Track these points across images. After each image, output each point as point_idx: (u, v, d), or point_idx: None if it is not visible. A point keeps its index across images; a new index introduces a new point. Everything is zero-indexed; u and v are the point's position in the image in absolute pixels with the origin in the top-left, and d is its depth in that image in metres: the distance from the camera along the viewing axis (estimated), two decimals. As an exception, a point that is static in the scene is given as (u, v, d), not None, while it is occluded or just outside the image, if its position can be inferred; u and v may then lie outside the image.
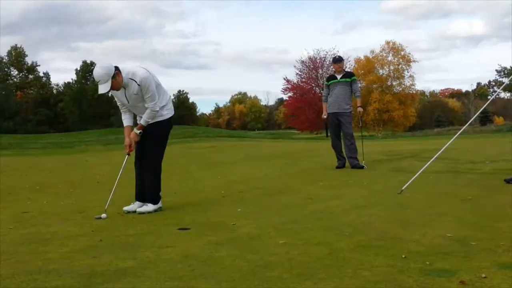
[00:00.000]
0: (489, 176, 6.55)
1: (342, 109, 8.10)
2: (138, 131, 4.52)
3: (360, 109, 8.42)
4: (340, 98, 8.10)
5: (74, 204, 5.22)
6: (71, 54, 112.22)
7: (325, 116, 8.36)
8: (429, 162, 5.65)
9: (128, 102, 4.49)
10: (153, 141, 4.59)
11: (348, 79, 8.16)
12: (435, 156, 5.66)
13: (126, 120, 4.65)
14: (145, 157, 4.59)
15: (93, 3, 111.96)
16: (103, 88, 4.20)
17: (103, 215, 4.26)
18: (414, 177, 5.36)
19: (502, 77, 47.71)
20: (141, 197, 4.62)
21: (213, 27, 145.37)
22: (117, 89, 4.35)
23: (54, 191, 6.41)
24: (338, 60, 8.42)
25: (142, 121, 4.51)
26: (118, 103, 4.64)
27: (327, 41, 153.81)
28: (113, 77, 4.21)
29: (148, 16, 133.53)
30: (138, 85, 4.34)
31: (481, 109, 6.35)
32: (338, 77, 8.18)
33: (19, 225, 4.05)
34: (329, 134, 8.58)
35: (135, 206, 4.56)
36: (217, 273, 2.53)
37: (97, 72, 4.19)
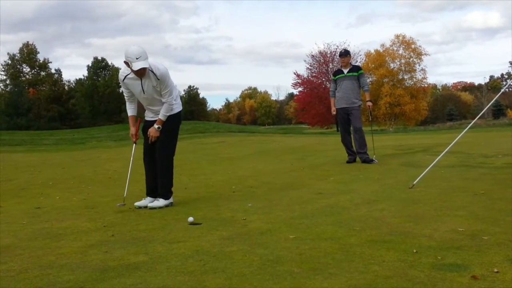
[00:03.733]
0: (501, 170, 6.47)
1: (351, 103, 8.02)
2: (157, 126, 4.58)
3: (369, 103, 8.26)
4: (349, 92, 8.02)
5: (87, 199, 5.28)
6: (84, 50, 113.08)
7: (334, 113, 8.28)
8: (440, 156, 5.60)
9: (144, 93, 4.50)
10: (164, 136, 4.62)
11: (355, 73, 8.04)
12: (445, 150, 5.61)
13: (131, 110, 4.71)
14: (158, 152, 4.61)
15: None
16: (142, 64, 4.23)
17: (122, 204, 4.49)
18: (425, 171, 5.33)
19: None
20: (152, 192, 4.65)
21: (226, 21, 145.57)
22: (142, 75, 4.38)
23: (66, 187, 6.48)
24: (344, 54, 8.21)
25: (161, 116, 4.56)
26: (126, 93, 4.64)
27: (341, 34, 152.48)
28: None
29: (161, 11, 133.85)
30: (158, 79, 4.39)
31: (491, 102, 6.27)
32: (345, 71, 8.06)
33: (32, 221, 4.10)
34: (339, 128, 8.38)
35: (147, 201, 4.60)
36: (228, 268, 2.54)
37: (137, 49, 4.25)
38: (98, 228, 3.70)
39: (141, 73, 4.34)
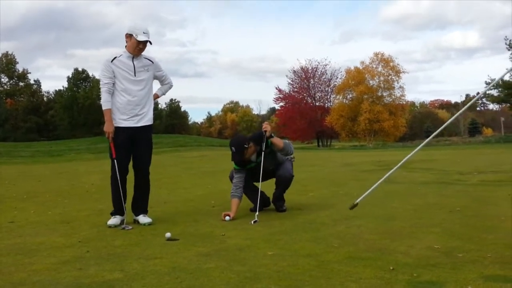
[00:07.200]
0: (477, 187, 6.60)
1: (280, 159, 5.10)
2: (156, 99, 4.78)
3: (265, 124, 5.14)
4: (272, 166, 5.03)
5: (62, 213, 5.17)
6: (66, 61, 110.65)
7: (228, 218, 4.54)
8: (390, 172, 5.68)
9: (135, 75, 4.41)
10: (149, 149, 4.57)
11: (267, 150, 4.91)
12: (394, 169, 5.68)
13: (109, 103, 4.42)
14: (143, 165, 4.54)
15: (93, 10, 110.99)
16: (147, 38, 4.38)
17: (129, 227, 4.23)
18: (372, 188, 5.38)
19: (491, 89, 48.15)
20: (122, 210, 4.44)
21: (212, 35, 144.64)
22: (141, 51, 4.44)
23: (42, 200, 6.35)
24: (238, 149, 4.80)
25: (159, 92, 4.79)
26: (106, 81, 4.38)
27: (325, 51, 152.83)
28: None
29: (148, 24, 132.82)
30: (152, 62, 4.55)
31: (447, 123, 6.28)
32: (253, 158, 4.97)
33: (4, 235, 4.00)
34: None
35: (118, 220, 4.37)
36: (205, 286, 2.51)
37: (145, 26, 4.41)
38: (73, 244, 3.62)
39: (141, 48, 4.39)
